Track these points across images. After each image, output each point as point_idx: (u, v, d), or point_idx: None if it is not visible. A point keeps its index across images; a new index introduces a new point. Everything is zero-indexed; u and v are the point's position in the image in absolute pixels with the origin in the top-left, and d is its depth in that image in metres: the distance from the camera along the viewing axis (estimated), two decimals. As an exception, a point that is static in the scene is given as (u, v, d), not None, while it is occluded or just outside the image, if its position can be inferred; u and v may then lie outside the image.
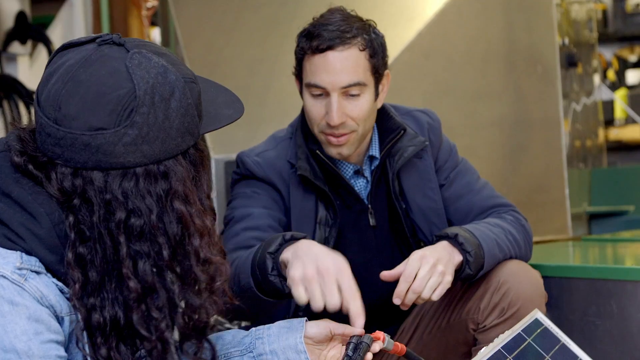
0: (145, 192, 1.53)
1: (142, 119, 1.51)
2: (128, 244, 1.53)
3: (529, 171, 4.54)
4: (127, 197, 1.52)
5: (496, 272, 2.42)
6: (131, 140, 1.51)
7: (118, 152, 1.51)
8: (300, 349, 1.83)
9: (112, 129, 1.50)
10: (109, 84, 1.51)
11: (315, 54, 2.41)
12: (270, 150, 2.57)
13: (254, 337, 1.88)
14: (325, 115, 2.42)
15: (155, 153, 1.53)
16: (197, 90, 1.60)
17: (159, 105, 1.52)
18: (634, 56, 7.90)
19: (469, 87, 4.45)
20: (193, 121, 1.57)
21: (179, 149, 1.56)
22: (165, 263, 1.54)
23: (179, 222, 1.55)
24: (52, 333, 1.51)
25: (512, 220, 2.55)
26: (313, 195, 2.50)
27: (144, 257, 1.54)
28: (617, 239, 3.88)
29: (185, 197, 1.56)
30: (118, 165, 1.52)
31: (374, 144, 2.57)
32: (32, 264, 1.53)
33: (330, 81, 2.39)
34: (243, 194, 2.54)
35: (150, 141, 1.52)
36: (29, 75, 5.91)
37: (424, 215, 2.56)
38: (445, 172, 2.63)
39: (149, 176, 1.53)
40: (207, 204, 1.61)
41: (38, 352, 1.48)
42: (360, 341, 1.89)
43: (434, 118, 2.66)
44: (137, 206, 1.53)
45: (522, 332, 2.13)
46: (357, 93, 2.41)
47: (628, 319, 2.63)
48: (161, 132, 1.53)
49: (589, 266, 2.80)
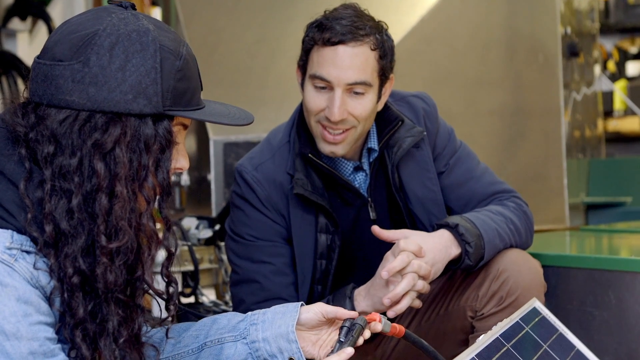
0: (77, 136, 1.53)
1: (96, 60, 1.53)
2: (52, 181, 1.54)
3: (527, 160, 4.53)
4: (63, 135, 1.53)
5: (496, 261, 2.41)
6: (80, 77, 1.53)
7: (67, 88, 1.53)
8: (292, 338, 1.83)
9: (67, 62, 1.54)
10: (84, 24, 1.57)
11: (325, 46, 2.36)
12: (268, 162, 2.53)
13: (249, 323, 1.87)
14: (326, 110, 2.38)
15: (100, 99, 1.53)
16: (175, 65, 1.59)
17: (118, 54, 1.54)
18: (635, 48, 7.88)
19: (470, 74, 4.43)
20: (154, 87, 1.56)
21: (127, 107, 1.54)
22: (76, 211, 1.53)
23: (95, 177, 1.54)
24: (41, 315, 1.50)
25: (514, 207, 2.54)
26: (313, 207, 2.48)
27: (61, 198, 1.53)
28: (615, 229, 3.88)
29: (114, 158, 1.54)
30: (66, 104, 1.53)
31: (372, 136, 2.54)
32: (22, 243, 1.52)
33: (337, 75, 2.35)
34: (248, 236, 2.50)
35: (98, 85, 1.53)
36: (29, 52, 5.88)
37: (423, 205, 2.54)
38: (444, 158, 2.61)
39: (89, 122, 1.54)
40: (150, 180, 1.58)
41: (26, 334, 1.47)
42: (354, 323, 1.87)
43: (429, 103, 2.63)
44: (66, 146, 1.53)
45: (520, 321, 2.12)
46: (361, 92, 2.38)
47: (625, 310, 2.62)
48: (111, 79, 1.53)
49: (587, 256, 2.79)
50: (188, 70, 1.62)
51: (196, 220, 3.31)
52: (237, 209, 2.54)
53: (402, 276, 2.27)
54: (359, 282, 2.41)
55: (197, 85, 1.66)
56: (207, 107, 1.68)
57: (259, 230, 2.49)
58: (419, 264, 2.27)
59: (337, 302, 2.36)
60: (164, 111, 1.58)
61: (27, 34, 6.07)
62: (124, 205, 1.55)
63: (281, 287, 2.44)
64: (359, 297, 2.35)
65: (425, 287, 2.30)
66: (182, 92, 1.60)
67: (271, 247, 2.48)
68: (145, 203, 1.59)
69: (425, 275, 2.28)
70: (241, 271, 2.50)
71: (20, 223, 1.53)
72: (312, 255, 2.47)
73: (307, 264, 2.47)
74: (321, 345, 1.89)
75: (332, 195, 2.51)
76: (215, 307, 3.17)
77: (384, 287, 2.30)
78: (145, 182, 1.58)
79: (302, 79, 2.47)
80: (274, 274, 2.46)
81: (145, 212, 1.59)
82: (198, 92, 1.66)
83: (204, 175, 3.82)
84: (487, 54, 4.47)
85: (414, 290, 2.27)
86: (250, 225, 2.50)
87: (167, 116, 1.59)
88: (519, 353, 1.98)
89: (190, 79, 1.63)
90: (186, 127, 1.68)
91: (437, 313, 2.53)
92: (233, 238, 2.53)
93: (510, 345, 1.97)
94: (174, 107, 1.59)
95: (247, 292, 2.47)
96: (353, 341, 1.84)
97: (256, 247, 2.49)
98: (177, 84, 1.59)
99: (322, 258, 2.47)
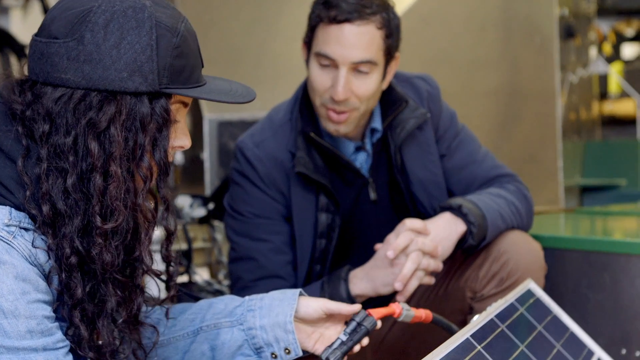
0: (72, 114, 1.51)
1: (91, 37, 1.50)
2: (48, 160, 1.52)
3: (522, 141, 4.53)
4: (58, 114, 1.52)
5: (497, 242, 2.41)
6: (75, 55, 1.50)
7: (62, 66, 1.51)
8: (289, 329, 1.81)
9: (62, 39, 1.51)
10: (81, 1, 1.54)
11: (331, 24, 2.33)
12: (269, 139, 2.51)
13: (246, 309, 1.85)
14: (330, 89, 2.36)
15: (95, 78, 1.51)
16: (172, 42, 1.56)
17: (113, 31, 1.51)
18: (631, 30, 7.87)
19: (466, 55, 4.42)
20: (149, 65, 1.53)
21: (122, 85, 1.52)
22: (71, 191, 1.51)
23: (89, 156, 1.52)
24: (39, 293, 1.48)
25: (515, 190, 2.53)
26: (314, 186, 2.46)
27: (57, 177, 1.52)
28: (610, 211, 3.88)
29: (109, 137, 1.52)
30: (61, 82, 1.51)
31: (376, 116, 2.52)
32: (20, 220, 1.51)
33: (342, 54, 2.33)
34: (247, 213, 2.49)
35: (93, 62, 1.50)
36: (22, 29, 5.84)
37: (424, 188, 2.53)
38: (446, 141, 2.59)
39: (84, 101, 1.52)
40: (146, 159, 1.56)
41: (24, 312, 1.45)
42: (362, 323, 1.83)
43: (432, 85, 2.62)
44: (61, 124, 1.51)
45: (515, 302, 2.12)
46: (366, 71, 2.35)
47: (620, 292, 2.62)
48: (106, 57, 1.51)
49: (583, 238, 2.78)
50: (186, 47, 1.59)
51: (190, 198, 3.29)
52: (237, 186, 2.52)
53: (406, 255, 2.26)
54: (358, 263, 2.40)
55: (196, 62, 1.63)
56: (208, 84, 1.66)
57: (259, 207, 2.48)
58: (422, 241, 2.26)
59: (331, 284, 2.35)
60: (161, 89, 1.55)
61: (20, 10, 6.03)
62: (119, 185, 1.53)
63: (279, 265, 2.43)
64: (355, 280, 2.34)
65: (433, 265, 2.28)
66: (180, 69, 1.58)
67: (270, 224, 2.47)
68: (142, 183, 1.57)
69: (430, 252, 2.27)
70: (239, 248, 2.49)
71: (19, 200, 1.52)
72: (311, 234, 2.46)
73: (306, 243, 2.45)
74: (317, 338, 1.87)
75: (333, 174, 2.50)
76: (209, 286, 3.16)
77: (385, 268, 2.29)
78: (141, 161, 1.56)
79: (307, 55, 2.45)
80: (272, 252, 2.45)
81: (141, 192, 1.57)
82: (197, 70, 1.63)
83: (198, 154, 3.81)
84: (484, 35, 4.46)
85: (421, 268, 2.27)
86: (249, 203, 2.49)
87: (165, 94, 1.57)
88: (514, 334, 1.97)
89: (189, 56, 1.60)
90: (186, 105, 1.65)
91: (436, 294, 2.52)
92: (232, 215, 2.52)
93: (505, 326, 1.97)
94: (171, 84, 1.57)
95: (244, 270, 2.46)
96: (354, 343, 1.82)
97: (255, 225, 2.47)
98: (174, 61, 1.57)
99: (322, 237, 2.45)
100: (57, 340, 1.49)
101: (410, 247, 2.26)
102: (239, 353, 1.84)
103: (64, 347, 1.50)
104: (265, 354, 1.83)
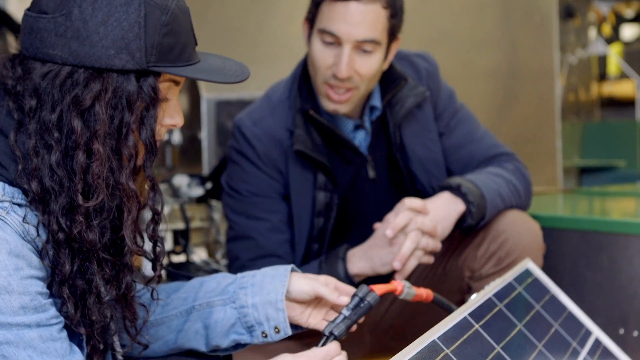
0: (58, 91, 1.50)
1: (79, 13, 1.49)
2: (35, 136, 1.51)
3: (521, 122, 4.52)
4: (45, 89, 1.50)
5: (495, 222, 2.40)
6: (63, 31, 1.49)
7: (50, 41, 1.50)
8: (279, 307, 1.80)
9: (51, 15, 1.50)
10: None
11: (336, 1, 2.32)
12: (267, 117, 2.50)
13: (238, 286, 1.85)
14: (333, 66, 2.35)
15: (82, 54, 1.49)
16: (160, 19, 1.53)
17: (101, 7, 1.50)
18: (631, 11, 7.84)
19: (465, 35, 4.40)
20: (137, 43, 1.51)
21: (109, 63, 1.50)
22: (56, 168, 1.51)
23: (73, 134, 1.50)
24: (32, 269, 1.47)
25: (514, 169, 2.53)
26: (312, 164, 2.45)
27: (45, 154, 1.51)
28: (609, 192, 3.87)
29: (93, 115, 1.51)
30: (49, 58, 1.50)
31: (375, 94, 2.51)
32: (13, 195, 1.50)
33: (346, 31, 2.31)
34: (245, 192, 2.48)
35: (80, 39, 1.49)
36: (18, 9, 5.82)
37: (423, 166, 2.52)
38: (445, 119, 2.58)
39: (70, 78, 1.50)
40: (131, 138, 1.54)
41: (17, 288, 1.44)
42: (365, 299, 1.81)
43: (431, 63, 2.61)
44: (47, 100, 1.50)
45: (513, 282, 2.11)
46: (369, 50, 2.34)
47: (618, 272, 2.62)
48: (93, 34, 1.49)
49: (581, 217, 2.78)
50: (176, 25, 1.57)
51: (187, 178, 3.28)
52: (235, 164, 2.51)
53: (405, 235, 2.25)
54: (356, 242, 2.39)
55: (187, 40, 1.60)
56: (202, 62, 1.64)
57: (256, 186, 2.47)
58: (422, 220, 2.25)
59: (329, 263, 2.34)
60: (148, 67, 1.54)
61: (17, -11, 6.01)
62: (102, 163, 1.52)
63: (276, 244, 2.42)
64: (353, 259, 2.33)
65: (432, 244, 2.28)
66: (169, 47, 1.56)
67: (268, 203, 2.46)
68: (127, 162, 1.56)
69: (429, 231, 2.26)
70: (237, 227, 2.48)
71: (12, 175, 1.51)
72: (309, 213, 2.45)
73: (304, 221, 2.44)
74: (310, 314, 1.87)
75: (331, 153, 2.49)
76: (206, 265, 3.15)
77: (384, 247, 2.28)
78: (126, 140, 1.54)
79: (309, 32, 2.43)
80: (269, 230, 2.44)
81: (124, 170, 1.56)
82: (189, 48, 1.60)
83: (196, 133, 3.79)
84: (482, 14, 4.44)
85: (420, 248, 2.26)
86: (247, 181, 2.48)
87: (153, 73, 1.55)
88: (512, 313, 1.97)
89: (179, 34, 1.57)
90: (178, 83, 1.63)
91: (435, 273, 2.51)
92: (229, 193, 2.51)
93: (503, 306, 1.96)
94: (160, 63, 1.55)
95: (242, 249, 2.45)
96: (358, 317, 1.80)
97: (252, 203, 2.47)
98: (162, 40, 1.54)
99: (320, 216, 2.45)
100: (51, 316, 1.48)
101: (409, 226, 2.25)
102: (232, 331, 1.83)
103: (58, 324, 1.50)
104: (256, 332, 1.82)
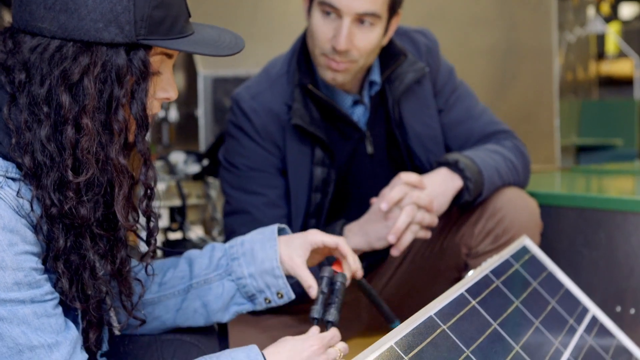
0: (47, 64, 1.48)
1: None
2: (27, 110, 1.49)
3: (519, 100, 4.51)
4: (33, 63, 1.48)
5: (493, 199, 2.39)
6: (52, 4, 1.47)
7: (39, 14, 1.48)
8: (277, 274, 1.82)
9: None
10: None
11: None
12: (266, 92, 2.49)
13: (229, 258, 1.85)
14: (332, 39, 2.32)
15: (71, 28, 1.47)
16: None
17: None
18: (629, -11, 7.82)
19: (463, 12, 4.38)
20: (126, 16, 1.49)
21: (98, 36, 1.48)
22: (46, 143, 1.49)
23: (61, 108, 1.49)
24: (27, 244, 1.46)
25: (512, 146, 2.52)
26: (310, 139, 2.44)
27: (36, 128, 1.49)
28: (606, 170, 3.87)
29: (82, 89, 1.49)
30: (38, 31, 1.49)
31: (375, 69, 2.49)
32: (7, 169, 1.48)
33: (347, 4, 2.28)
34: (242, 166, 2.47)
35: (69, 12, 1.47)
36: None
37: (421, 142, 2.51)
38: (444, 96, 2.57)
39: (59, 51, 1.48)
40: (120, 113, 1.52)
41: (11, 264, 1.43)
42: (335, 280, 1.85)
43: (431, 39, 2.59)
44: (36, 74, 1.48)
45: (510, 258, 2.11)
46: (369, 23, 2.32)
47: (615, 249, 2.62)
48: (82, 7, 1.47)
49: (578, 195, 2.77)
50: None
51: (184, 155, 3.27)
52: (232, 139, 2.50)
53: (400, 209, 2.24)
54: (353, 217, 2.38)
55: (179, 12, 1.58)
56: (196, 34, 1.62)
57: (254, 160, 2.46)
58: (417, 195, 2.24)
59: None
60: (138, 40, 1.52)
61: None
62: (92, 138, 1.50)
63: (273, 219, 2.41)
64: (350, 234, 2.33)
65: (428, 219, 2.27)
66: (160, 20, 1.54)
67: (265, 178, 2.45)
68: (117, 137, 1.54)
69: (425, 205, 2.25)
70: (234, 201, 2.47)
71: (6, 149, 1.49)
72: (307, 188, 2.44)
73: (301, 196, 2.44)
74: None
75: (329, 128, 2.48)
76: (203, 243, 3.15)
77: (379, 222, 2.28)
78: (116, 115, 1.53)
79: (309, 4, 2.41)
80: (266, 205, 2.44)
81: (114, 145, 1.54)
82: (181, 20, 1.58)
83: (192, 110, 3.78)
84: (481, -9, 4.42)
85: (415, 222, 2.25)
86: (244, 155, 2.47)
87: (144, 46, 1.54)
88: (509, 290, 1.96)
89: (170, 6, 1.55)
90: (170, 56, 1.62)
91: (432, 250, 2.51)
92: (227, 168, 2.50)
93: (500, 282, 1.96)
94: (150, 36, 1.53)
95: (239, 223, 2.44)
96: (340, 303, 1.82)
97: (250, 178, 2.46)
98: (153, 12, 1.52)
99: (317, 191, 2.44)
100: (46, 292, 1.47)
101: (404, 200, 2.25)
102: (233, 303, 1.85)
103: (52, 300, 1.49)
104: (258, 300, 1.84)
